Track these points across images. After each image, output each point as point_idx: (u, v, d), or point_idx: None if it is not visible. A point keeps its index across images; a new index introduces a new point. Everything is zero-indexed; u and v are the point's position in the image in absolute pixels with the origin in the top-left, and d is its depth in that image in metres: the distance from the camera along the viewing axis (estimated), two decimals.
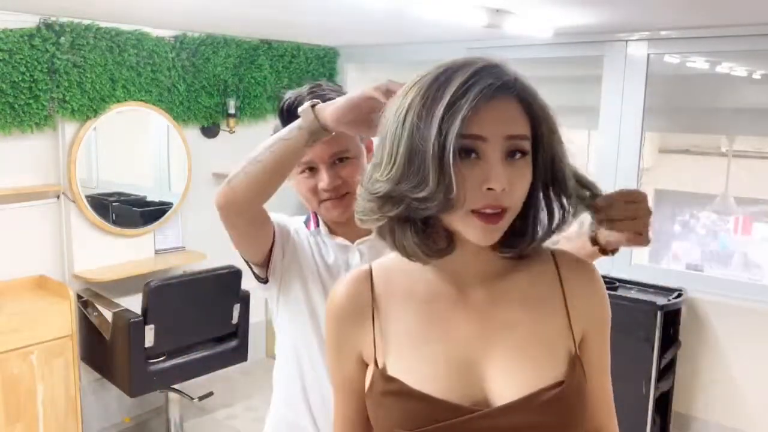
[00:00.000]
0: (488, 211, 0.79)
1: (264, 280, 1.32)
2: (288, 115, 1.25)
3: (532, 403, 0.82)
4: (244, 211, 1.19)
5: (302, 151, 1.12)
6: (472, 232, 0.80)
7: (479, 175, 0.78)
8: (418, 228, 0.83)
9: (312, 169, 1.26)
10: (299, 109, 1.11)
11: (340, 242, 1.32)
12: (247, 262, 1.32)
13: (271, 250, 1.29)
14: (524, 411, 0.82)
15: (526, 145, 0.81)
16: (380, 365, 0.88)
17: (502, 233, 0.82)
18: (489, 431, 0.82)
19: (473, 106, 0.76)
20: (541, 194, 0.85)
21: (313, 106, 1.08)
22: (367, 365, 0.92)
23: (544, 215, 0.87)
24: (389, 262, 0.93)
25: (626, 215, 0.92)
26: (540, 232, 0.86)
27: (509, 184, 0.78)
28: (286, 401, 1.34)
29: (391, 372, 0.87)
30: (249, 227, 1.24)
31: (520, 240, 0.86)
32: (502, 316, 0.87)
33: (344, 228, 1.31)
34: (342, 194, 1.26)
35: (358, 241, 1.31)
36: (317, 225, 1.34)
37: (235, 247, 1.27)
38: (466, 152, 0.78)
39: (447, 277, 0.89)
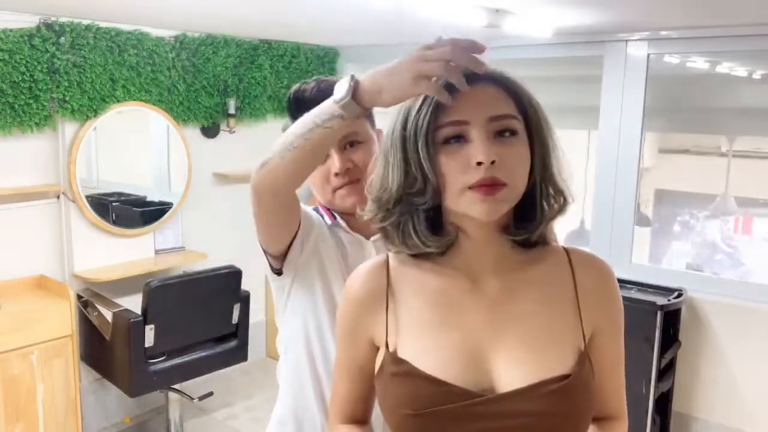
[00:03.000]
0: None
1: (278, 272, 1.29)
2: (296, 102, 1.24)
3: (537, 392, 0.84)
4: (281, 194, 1.12)
5: (340, 133, 1.01)
6: (473, 207, 0.84)
7: (467, 154, 0.83)
8: (421, 221, 0.89)
9: None
10: (336, 84, 0.95)
11: (357, 238, 1.30)
12: (265, 252, 1.27)
13: (291, 242, 1.25)
14: (528, 399, 0.84)
15: (515, 124, 0.85)
16: (391, 349, 0.92)
17: (504, 208, 0.85)
18: (493, 416, 0.84)
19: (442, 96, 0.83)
20: (539, 172, 0.88)
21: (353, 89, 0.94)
22: (377, 349, 0.95)
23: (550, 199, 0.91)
24: (405, 254, 0.96)
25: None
26: (546, 213, 0.89)
27: (499, 157, 0.82)
28: (295, 395, 1.33)
29: (402, 355, 0.90)
30: (281, 212, 1.17)
31: (527, 224, 0.89)
32: (513, 307, 0.90)
33: (359, 223, 1.28)
34: (354, 180, 1.24)
35: (373, 237, 1.29)
36: (333, 218, 1.32)
37: (260, 236, 1.22)
38: (456, 139, 0.84)
39: (460, 269, 0.92)
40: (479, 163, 0.82)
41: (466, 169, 0.83)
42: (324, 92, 1.22)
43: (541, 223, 0.89)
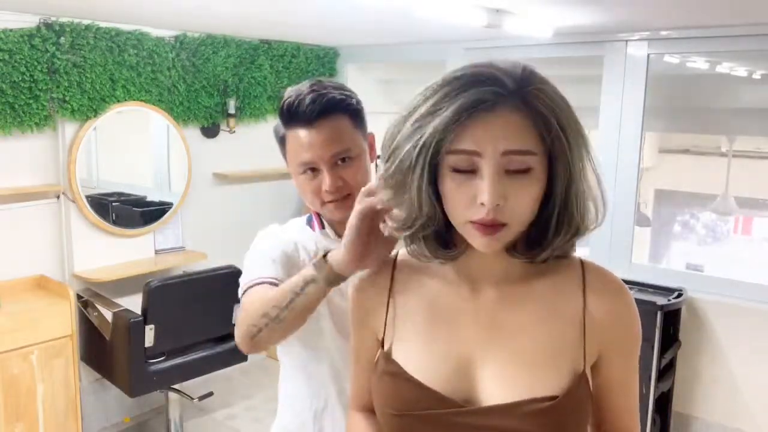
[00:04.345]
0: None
1: None
2: (288, 115, 1.23)
3: (520, 410, 0.82)
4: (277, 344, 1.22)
5: (321, 296, 1.07)
6: (473, 240, 0.82)
7: (473, 188, 0.78)
8: (430, 237, 0.86)
9: (314, 170, 1.24)
10: (312, 262, 1.05)
11: None
12: None
13: None
14: (511, 416, 0.82)
15: (530, 161, 0.78)
16: (386, 347, 0.93)
17: (504, 243, 0.82)
18: (473, 428, 0.83)
19: (456, 123, 0.76)
20: (557, 205, 0.82)
21: (324, 256, 1.03)
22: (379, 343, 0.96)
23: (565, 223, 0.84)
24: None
25: None
26: (555, 241, 0.83)
27: (505, 198, 0.77)
28: (293, 412, 1.35)
29: (394, 356, 0.90)
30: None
31: (532, 248, 0.85)
32: (510, 320, 0.87)
33: None
34: (344, 195, 1.23)
35: None
36: (322, 226, 1.32)
37: None
38: (465, 166, 0.79)
39: (464, 276, 0.91)
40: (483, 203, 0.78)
41: (470, 204, 0.79)
42: (319, 110, 1.20)
43: (548, 248, 0.84)
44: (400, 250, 0.98)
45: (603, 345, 0.88)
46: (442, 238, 0.87)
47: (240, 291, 1.24)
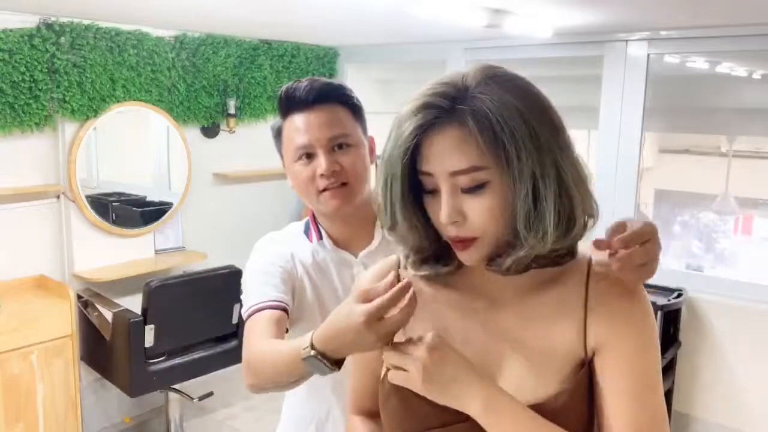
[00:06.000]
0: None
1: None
2: (286, 102, 1.22)
3: None
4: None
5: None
6: (457, 254, 0.84)
7: (438, 207, 0.80)
8: (429, 241, 0.87)
9: (309, 156, 1.21)
10: (302, 358, 0.89)
11: (343, 257, 1.28)
12: None
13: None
14: None
15: (482, 175, 0.77)
16: None
17: (482, 255, 0.83)
18: None
19: (409, 149, 0.78)
20: (514, 215, 0.79)
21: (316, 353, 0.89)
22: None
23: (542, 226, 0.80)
24: None
25: (644, 259, 0.84)
26: (516, 252, 0.81)
27: (463, 215, 0.79)
28: (296, 425, 1.36)
29: None
30: None
31: (503, 257, 0.83)
32: (521, 333, 0.86)
33: (347, 234, 1.28)
34: (341, 183, 1.20)
35: (361, 254, 1.28)
36: (320, 237, 1.29)
37: None
38: (429, 186, 0.81)
39: (475, 287, 0.90)
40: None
41: (439, 221, 0.81)
42: (317, 92, 1.20)
43: (508, 259, 0.81)
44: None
45: (599, 339, 0.84)
46: (434, 256, 0.88)
47: (244, 313, 1.20)
